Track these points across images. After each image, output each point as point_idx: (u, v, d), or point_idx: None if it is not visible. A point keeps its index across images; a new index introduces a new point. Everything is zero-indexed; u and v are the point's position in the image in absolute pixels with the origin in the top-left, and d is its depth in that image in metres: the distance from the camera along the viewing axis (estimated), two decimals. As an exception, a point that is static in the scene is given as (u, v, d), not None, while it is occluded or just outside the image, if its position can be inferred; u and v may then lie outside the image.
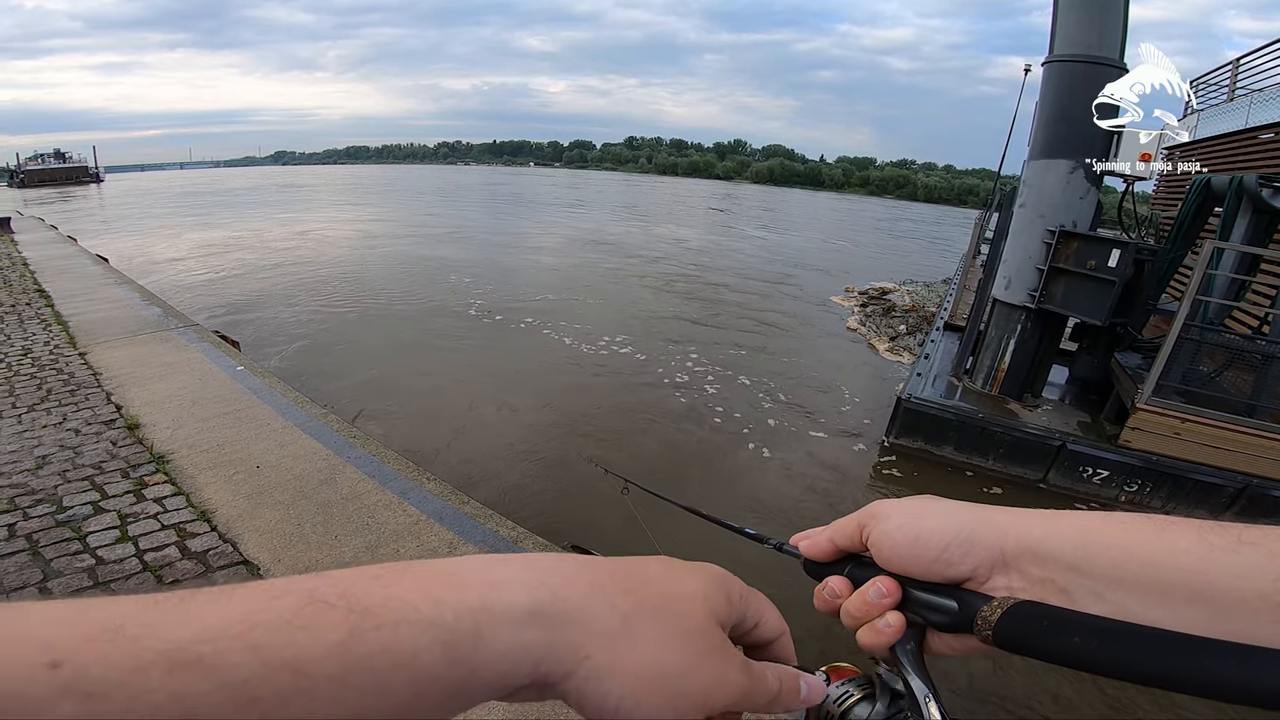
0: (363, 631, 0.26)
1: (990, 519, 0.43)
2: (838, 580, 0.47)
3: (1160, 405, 5.47)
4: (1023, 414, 6.34)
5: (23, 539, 3.04)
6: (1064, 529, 0.40)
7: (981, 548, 0.42)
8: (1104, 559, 0.38)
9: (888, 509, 0.46)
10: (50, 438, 4.11)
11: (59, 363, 5.55)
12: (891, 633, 0.43)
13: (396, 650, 0.27)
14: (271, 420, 4.44)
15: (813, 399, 8.63)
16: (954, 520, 0.43)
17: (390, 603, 0.28)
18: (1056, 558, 0.39)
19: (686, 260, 20.55)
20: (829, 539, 0.48)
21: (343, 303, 12.69)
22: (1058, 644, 0.36)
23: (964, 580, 0.42)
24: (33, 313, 7.26)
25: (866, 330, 12.38)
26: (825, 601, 0.48)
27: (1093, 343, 6.95)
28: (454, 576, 0.31)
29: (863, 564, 0.47)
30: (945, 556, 0.42)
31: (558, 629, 0.31)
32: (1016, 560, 0.41)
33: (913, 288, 17.28)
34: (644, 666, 0.32)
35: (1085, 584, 0.38)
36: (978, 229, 12.27)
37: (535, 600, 0.31)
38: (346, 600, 0.27)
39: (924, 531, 0.43)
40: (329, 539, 3.13)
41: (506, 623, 0.30)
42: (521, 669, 0.30)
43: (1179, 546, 0.36)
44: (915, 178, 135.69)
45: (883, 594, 0.44)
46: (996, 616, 0.39)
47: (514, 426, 7.12)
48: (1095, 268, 5.66)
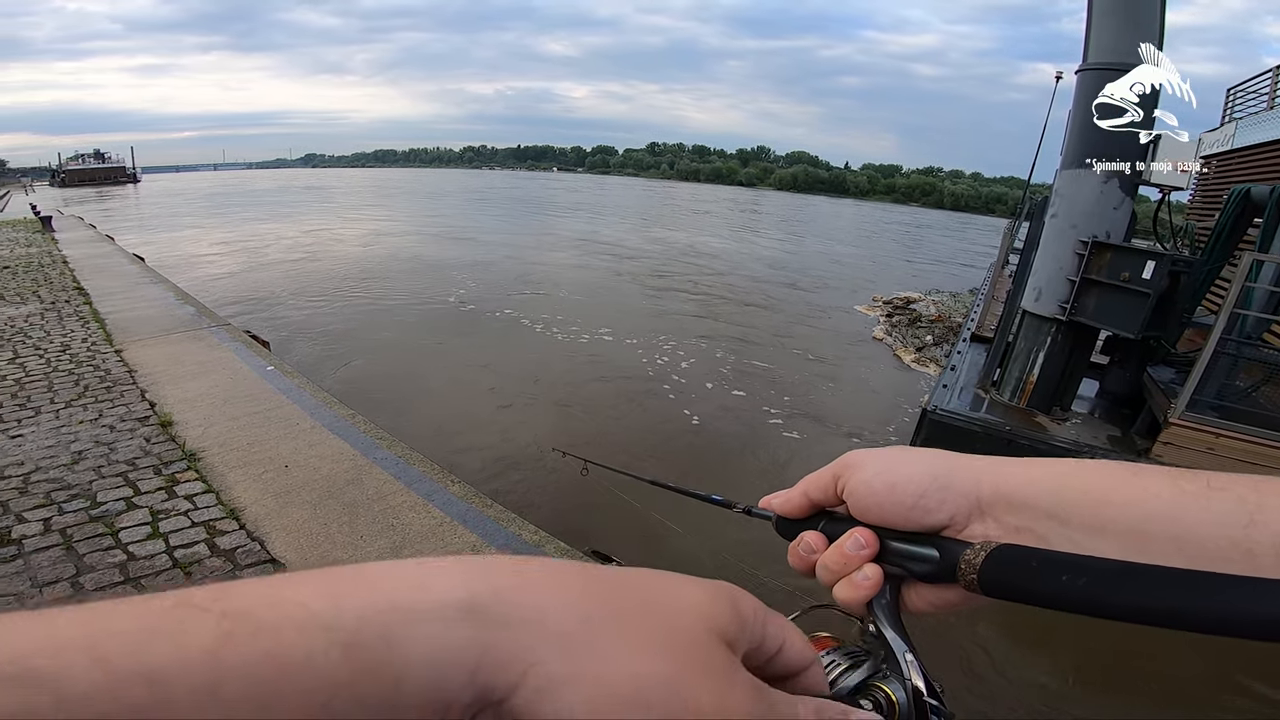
0: (237, 636, 0.22)
1: (966, 465, 0.43)
2: (813, 535, 0.46)
3: (1194, 420, 5.32)
4: (1051, 427, 6.22)
5: (57, 534, 3.12)
6: (1039, 475, 0.40)
7: (957, 493, 0.41)
8: (1081, 505, 0.37)
9: (863, 458, 0.45)
10: (86, 433, 4.22)
11: (96, 359, 5.69)
12: (870, 585, 0.42)
13: (281, 656, 0.22)
14: (300, 420, 4.51)
15: (836, 407, 8.57)
16: (929, 466, 0.43)
17: (277, 605, 0.24)
18: (1033, 505, 0.39)
19: (705, 267, 20.53)
20: (803, 493, 0.47)
21: (354, 296, 12.90)
22: (1046, 585, 0.34)
23: (941, 528, 0.42)
24: (71, 310, 7.46)
25: (892, 340, 12.26)
26: (800, 558, 0.46)
27: (1125, 356, 6.80)
28: (363, 575, 0.27)
29: (836, 519, 0.47)
30: (922, 503, 0.42)
31: (498, 628, 0.26)
32: (992, 507, 0.41)
33: (939, 297, 17.08)
34: (613, 676, 0.26)
35: (1062, 531, 0.38)
36: (1006, 239, 12.08)
37: (471, 596, 0.27)
38: (221, 603, 0.23)
39: (900, 478, 0.43)
40: (354, 539, 3.17)
41: (429, 621, 0.25)
42: (455, 677, 0.25)
43: (1151, 491, 0.36)
44: (942, 185, 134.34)
45: (861, 545, 0.43)
46: (980, 560, 0.37)
47: (542, 425, 7.16)
48: (1129, 279, 5.54)
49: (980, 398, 6.91)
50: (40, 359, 5.66)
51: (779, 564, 0.52)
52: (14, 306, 7.58)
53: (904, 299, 16.44)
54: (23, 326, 6.70)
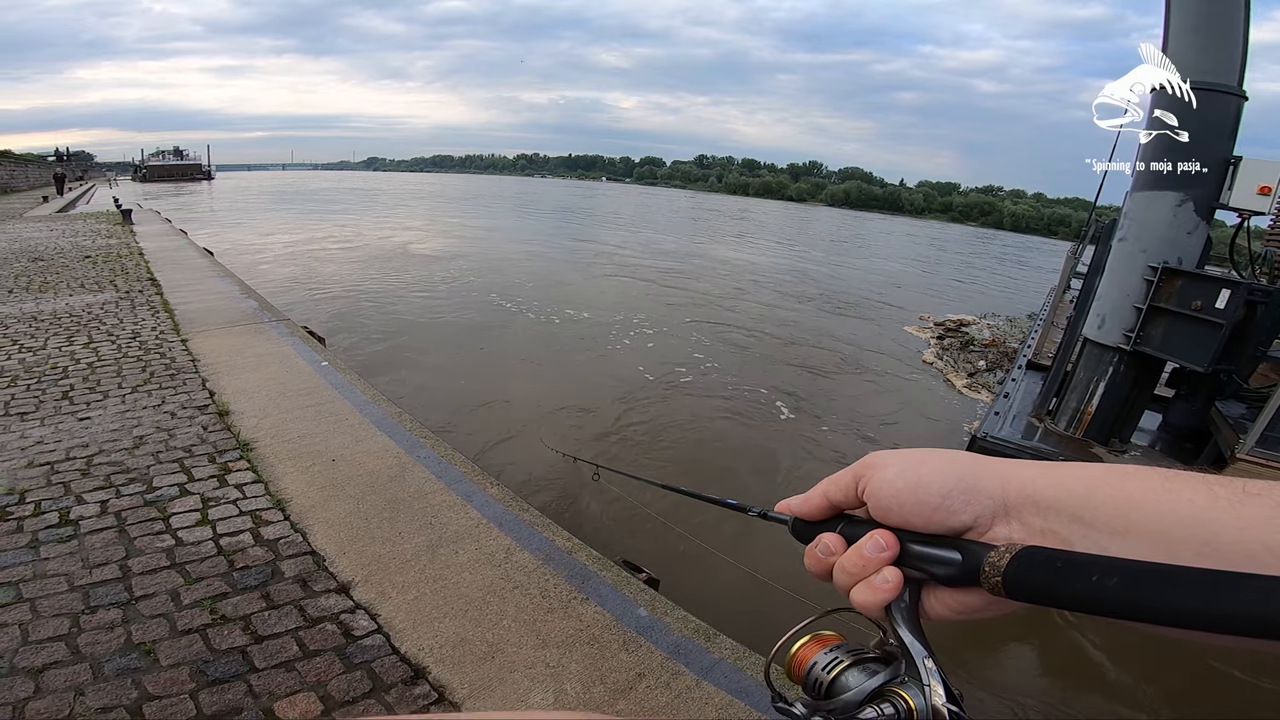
0: None
1: (991, 467, 0.42)
2: (831, 537, 0.46)
3: (1264, 456, 5.02)
4: (1108, 459, 5.93)
5: (112, 516, 3.25)
6: (1068, 477, 0.39)
7: (983, 495, 0.41)
8: (1109, 509, 0.36)
9: (886, 458, 0.45)
10: (149, 419, 4.41)
11: (163, 347, 5.96)
12: (889, 589, 0.42)
13: None
14: (349, 415, 4.63)
15: (883, 431, 8.36)
16: (955, 468, 0.42)
17: None
18: (1060, 507, 0.38)
19: (747, 283, 20.39)
20: (823, 494, 0.48)
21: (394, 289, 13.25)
22: (1075, 587, 0.33)
23: (964, 530, 0.41)
24: (144, 300, 7.86)
25: (943, 364, 11.89)
26: (818, 560, 0.46)
27: (1192, 389, 6.45)
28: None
29: (854, 521, 0.46)
30: (947, 504, 0.41)
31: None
32: (1018, 509, 0.40)
33: (993, 321, 16.55)
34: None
35: (1088, 534, 0.37)
36: (1069, 263, 11.62)
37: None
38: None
39: (925, 478, 0.42)
40: (394, 535, 3.22)
41: None
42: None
43: (1184, 497, 0.34)
44: (1001, 205, 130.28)
45: (881, 547, 0.42)
46: (1005, 562, 0.36)
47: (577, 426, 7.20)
48: (1201, 309, 5.26)
49: (1034, 426, 6.65)
50: (112, 345, 5.97)
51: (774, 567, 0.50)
52: (92, 294, 8.03)
53: (956, 321, 15.98)
54: (99, 313, 7.08)
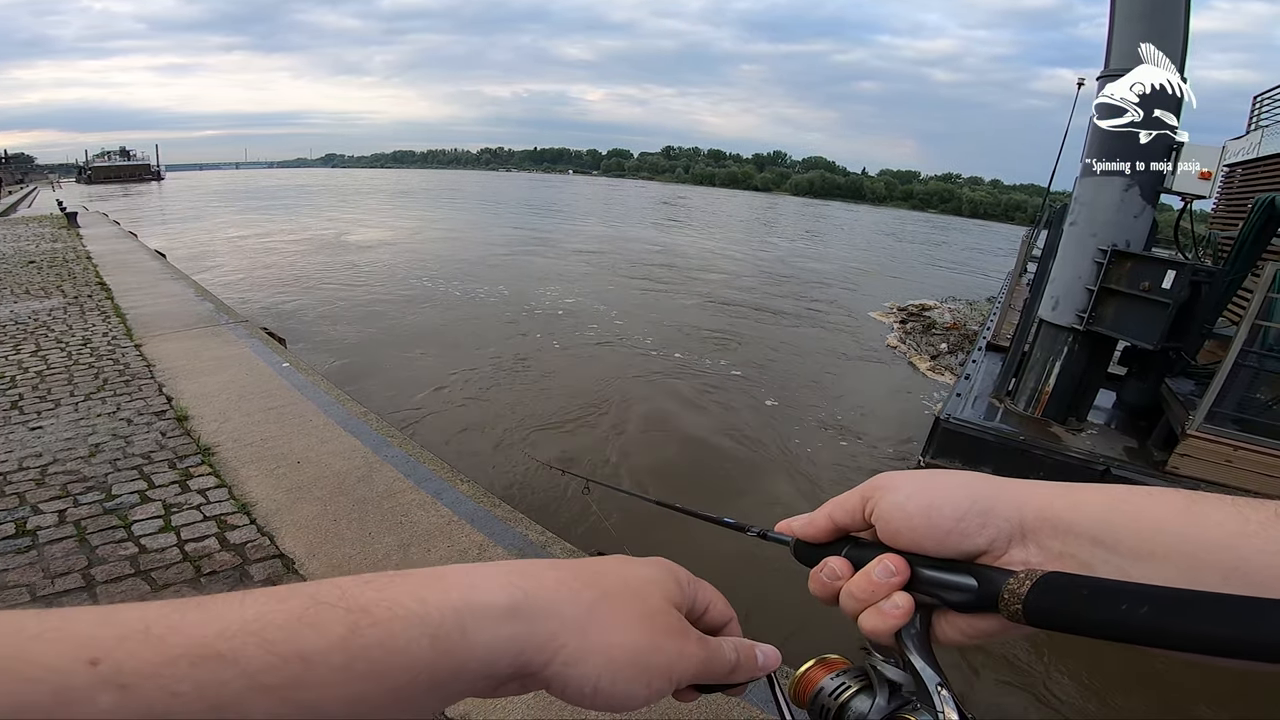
0: (361, 628, 0.31)
1: (1007, 488, 0.40)
2: (838, 561, 0.44)
3: (1213, 432, 5.24)
4: (1066, 437, 6.13)
5: (71, 525, 3.16)
6: (1088, 499, 0.38)
7: (999, 518, 0.39)
8: (1130, 532, 0.35)
9: (896, 480, 0.44)
10: (104, 426, 4.28)
11: (116, 353, 5.78)
12: (900, 615, 0.40)
13: (390, 643, 0.31)
14: (314, 416, 4.56)
15: (849, 415, 8.50)
16: (969, 489, 0.41)
17: (383, 603, 0.32)
18: (1079, 530, 0.37)
19: (726, 271, 20.50)
20: (827, 515, 0.46)
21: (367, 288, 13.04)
22: (1101, 614, 0.31)
23: (979, 555, 0.40)
24: (94, 305, 7.59)
25: (907, 348, 12.15)
26: (823, 585, 0.44)
27: (1143, 367, 6.69)
28: (437, 578, 0.35)
29: (861, 544, 0.45)
30: (961, 527, 0.39)
31: (534, 621, 0.35)
32: (1036, 533, 0.38)
33: (954, 305, 16.93)
34: (614, 647, 0.37)
35: (1110, 558, 0.35)
36: (1024, 247, 11.95)
37: (510, 598, 0.36)
38: (345, 601, 0.31)
39: (937, 500, 0.41)
40: (364, 536, 3.19)
41: (487, 619, 0.34)
42: (504, 660, 0.34)
43: (1213, 520, 0.33)
44: (960, 192, 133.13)
45: (891, 571, 0.41)
46: (1026, 589, 0.35)
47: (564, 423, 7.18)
48: (1149, 289, 5.46)
49: (995, 407, 6.83)
50: (62, 352, 5.76)
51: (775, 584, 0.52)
52: (38, 300, 7.73)
53: (918, 306, 16.31)
54: (46, 320, 6.82)
